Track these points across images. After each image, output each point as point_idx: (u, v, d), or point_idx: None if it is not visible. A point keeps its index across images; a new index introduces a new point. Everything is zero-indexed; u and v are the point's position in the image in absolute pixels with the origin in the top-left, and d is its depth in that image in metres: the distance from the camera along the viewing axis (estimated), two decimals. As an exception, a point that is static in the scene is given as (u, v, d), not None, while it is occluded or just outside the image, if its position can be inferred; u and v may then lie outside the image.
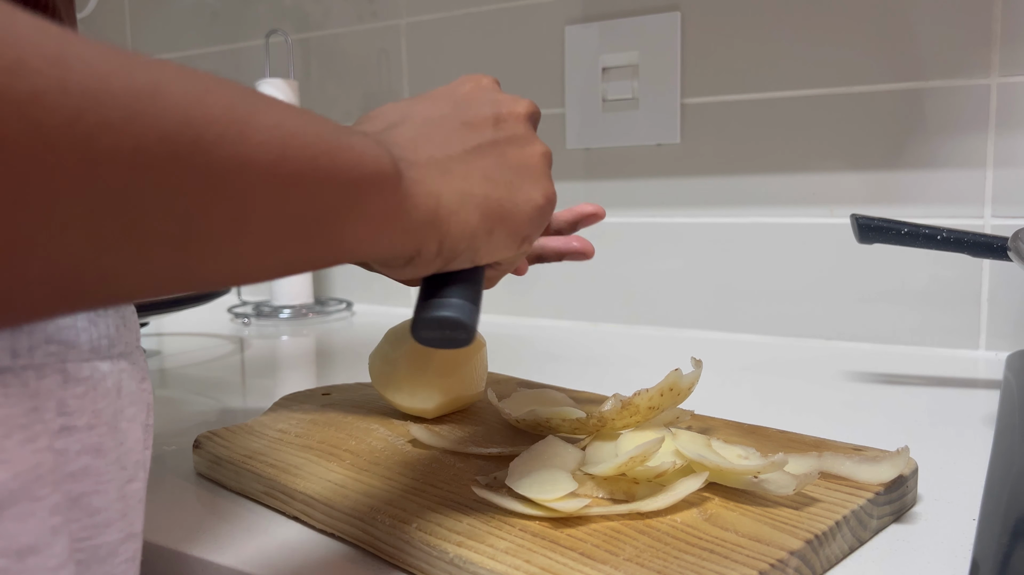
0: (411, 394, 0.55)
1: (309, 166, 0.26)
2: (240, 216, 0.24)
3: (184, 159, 0.22)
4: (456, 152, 0.36)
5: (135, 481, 0.31)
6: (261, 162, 0.24)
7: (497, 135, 0.39)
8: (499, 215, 0.37)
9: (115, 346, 0.31)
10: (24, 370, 0.26)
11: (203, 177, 0.23)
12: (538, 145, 0.41)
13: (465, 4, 1.06)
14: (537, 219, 0.39)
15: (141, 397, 0.33)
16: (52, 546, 0.27)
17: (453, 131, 0.37)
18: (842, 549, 0.39)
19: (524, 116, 0.41)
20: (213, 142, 0.23)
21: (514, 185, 0.38)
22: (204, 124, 0.23)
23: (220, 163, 0.23)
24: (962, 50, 0.80)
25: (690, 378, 0.47)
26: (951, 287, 0.82)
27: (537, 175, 0.39)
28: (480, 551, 0.37)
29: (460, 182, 0.35)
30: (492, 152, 0.38)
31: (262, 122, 0.25)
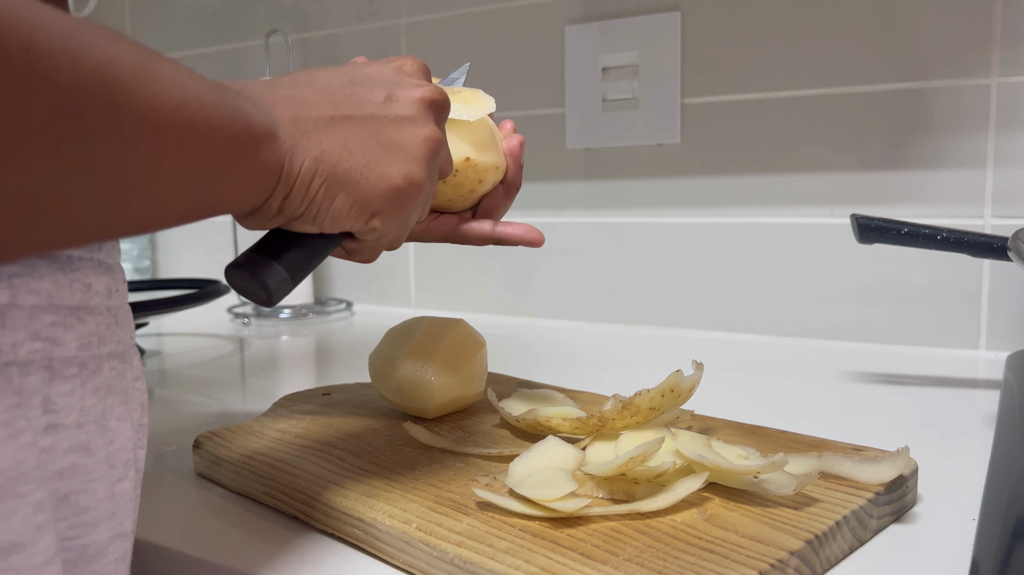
0: (411, 394, 0.55)
1: (200, 117, 0.29)
2: (158, 153, 0.27)
3: (111, 94, 0.25)
4: (323, 116, 0.37)
5: (125, 480, 0.31)
6: (168, 106, 0.27)
7: (379, 111, 0.40)
8: (343, 184, 0.38)
9: (105, 344, 0.31)
10: (7, 366, 0.26)
11: (126, 112, 0.26)
12: (424, 129, 0.41)
13: (465, 4, 1.06)
14: (391, 197, 0.39)
15: (133, 396, 0.33)
16: (37, 543, 0.26)
17: (333, 97, 0.39)
18: (842, 549, 0.39)
19: (419, 100, 0.41)
20: (129, 83, 0.26)
21: (374, 160, 0.39)
22: (119, 67, 0.26)
23: (137, 102, 0.26)
24: (962, 50, 0.80)
25: (691, 380, 0.47)
26: (951, 287, 0.82)
27: (406, 157, 0.40)
28: (480, 551, 0.37)
29: (316, 145, 0.37)
30: (365, 125, 0.39)
31: (162, 72, 0.28)
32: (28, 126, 0.23)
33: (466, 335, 0.57)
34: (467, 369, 0.56)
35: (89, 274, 0.30)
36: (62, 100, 0.24)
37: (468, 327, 0.58)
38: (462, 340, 0.57)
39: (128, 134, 0.26)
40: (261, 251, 0.39)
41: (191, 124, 0.29)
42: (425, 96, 0.42)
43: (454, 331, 0.57)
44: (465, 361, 0.56)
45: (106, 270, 0.32)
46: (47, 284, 0.28)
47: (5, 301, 0.27)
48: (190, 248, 1.37)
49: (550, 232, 1.03)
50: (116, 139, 0.26)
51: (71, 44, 0.24)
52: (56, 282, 0.29)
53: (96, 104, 0.25)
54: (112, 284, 0.32)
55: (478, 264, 1.09)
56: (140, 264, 1.36)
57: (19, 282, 0.27)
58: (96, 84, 0.25)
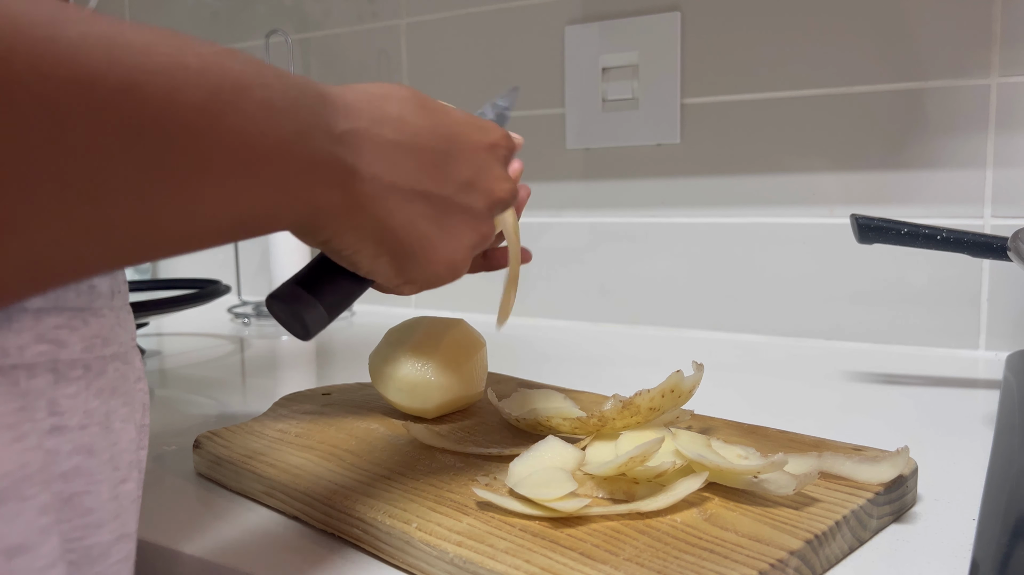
0: (411, 394, 0.55)
1: (255, 180, 0.29)
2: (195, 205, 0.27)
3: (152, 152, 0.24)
4: (404, 185, 0.37)
5: (129, 481, 0.31)
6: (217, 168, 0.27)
7: (456, 197, 0.40)
8: (394, 253, 0.38)
9: (109, 345, 0.31)
10: (14, 369, 0.26)
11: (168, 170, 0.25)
12: (484, 226, 0.42)
13: (465, 4, 1.06)
14: (430, 278, 0.40)
15: (136, 397, 0.33)
16: (42, 546, 0.27)
17: (420, 167, 0.38)
18: (842, 549, 0.39)
19: (495, 201, 0.42)
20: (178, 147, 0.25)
21: (429, 241, 0.39)
22: (173, 126, 0.24)
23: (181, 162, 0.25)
24: (962, 50, 0.80)
25: (691, 380, 0.47)
26: (951, 287, 0.82)
27: (458, 246, 0.41)
28: (480, 551, 0.37)
29: (386, 212, 0.37)
30: (437, 207, 0.39)
31: (228, 126, 0.27)
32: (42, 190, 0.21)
33: (466, 335, 0.57)
34: (467, 369, 0.56)
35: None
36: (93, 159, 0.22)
37: (468, 327, 0.58)
38: (462, 340, 0.57)
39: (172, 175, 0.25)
40: (302, 284, 0.40)
41: (252, 171, 0.28)
42: (501, 198, 0.42)
43: (454, 331, 0.57)
44: (465, 361, 0.56)
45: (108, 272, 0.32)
46: None
47: None
48: (190, 248, 1.37)
49: (550, 232, 1.04)
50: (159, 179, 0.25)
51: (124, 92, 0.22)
52: None
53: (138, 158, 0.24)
54: (114, 286, 0.32)
55: (478, 264, 1.09)
56: (140, 264, 1.36)
57: None
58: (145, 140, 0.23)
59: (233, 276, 1.26)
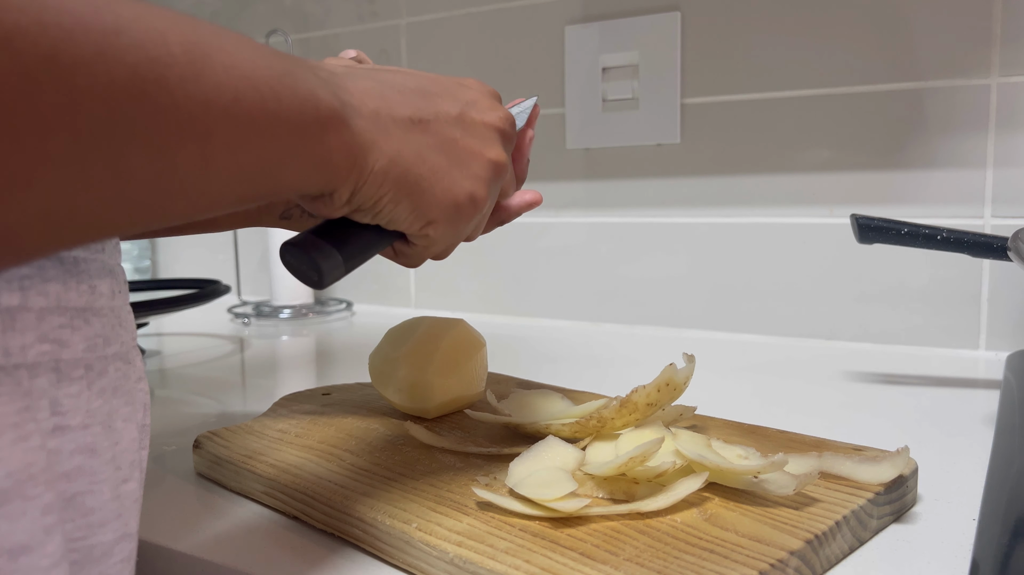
0: (411, 394, 0.55)
1: (259, 108, 0.28)
2: (205, 153, 0.26)
3: (152, 96, 0.24)
4: (403, 116, 0.37)
5: (130, 481, 0.31)
6: (218, 103, 0.26)
7: (453, 128, 0.40)
8: (411, 191, 0.38)
9: (110, 345, 0.31)
10: (17, 369, 0.26)
11: (170, 114, 0.24)
12: (492, 151, 0.41)
13: (465, 4, 1.06)
14: (451, 212, 0.40)
15: (137, 397, 0.33)
16: (45, 546, 0.27)
17: (410, 99, 0.38)
18: (842, 549, 0.39)
19: (491, 124, 0.42)
20: (175, 82, 0.25)
21: (443, 172, 0.39)
22: (166, 64, 0.24)
23: (183, 101, 0.25)
24: (962, 50, 0.80)
25: (684, 372, 0.47)
26: (951, 287, 0.82)
27: (472, 175, 0.40)
28: (480, 551, 0.37)
29: (394, 145, 0.36)
30: (440, 134, 0.39)
31: (218, 62, 0.26)
32: (52, 141, 0.21)
33: (466, 335, 0.57)
34: (467, 369, 0.56)
35: (94, 275, 0.30)
36: (93, 110, 0.22)
37: (468, 327, 0.58)
38: (462, 340, 0.57)
39: (169, 138, 0.25)
40: (320, 234, 0.39)
41: (248, 118, 0.28)
42: (496, 122, 0.42)
43: (454, 331, 0.57)
44: (465, 361, 0.56)
45: (109, 271, 0.32)
46: (55, 286, 0.28)
47: (16, 303, 0.27)
48: (190, 248, 1.37)
49: (550, 232, 1.04)
50: (154, 144, 0.24)
51: (111, 43, 0.22)
52: (64, 284, 0.29)
53: (133, 110, 0.23)
54: (115, 285, 0.32)
55: (478, 264, 1.09)
56: (140, 264, 1.36)
57: (29, 284, 0.27)
58: (135, 87, 0.23)
59: (233, 276, 1.26)
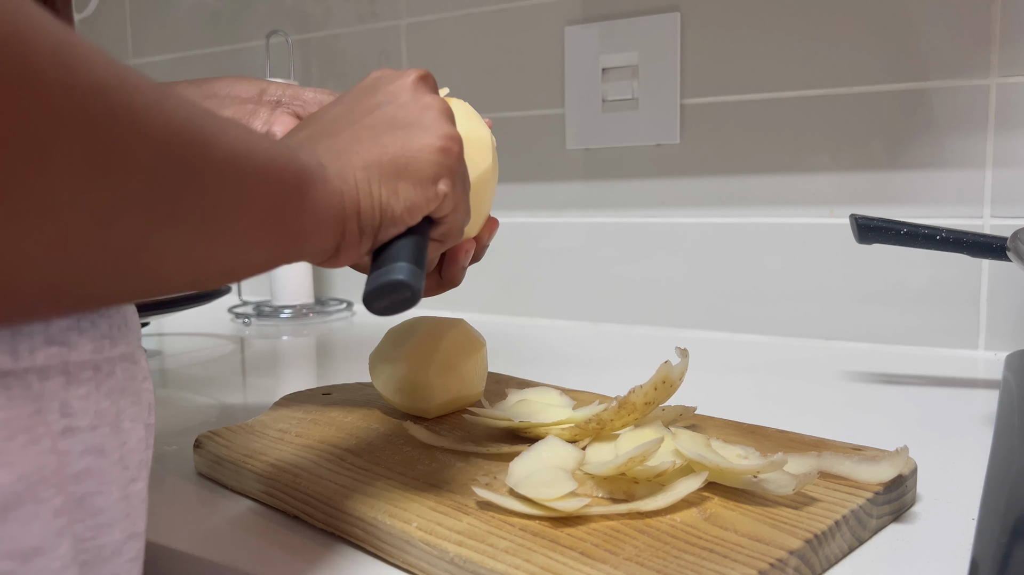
0: (411, 394, 0.55)
1: (267, 160, 0.31)
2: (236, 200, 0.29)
3: (197, 147, 0.27)
4: (344, 133, 0.40)
5: (138, 481, 0.31)
6: (240, 153, 0.29)
7: (382, 105, 0.42)
8: (396, 170, 0.39)
9: (117, 346, 0.31)
10: (27, 372, 0.26)
11: (210, 163, 0.28)
12: (427, 99, 0.42)
13: (465, 4, 1.06)
14: (441, 159, 0.40)
15: (143, 397, 0.33)
16: (57, 547, 0.27)
17: (343, 118, 0.41)
18: (841, 549, 0.39)
19: (409, 82, 0.43)
20: (210, 135, 0.28)
21: (406, 140, 0.40)
22: (200, 119, 0.27)
23: (218, 151, 0.28)
24: (962, 50, 0.80)
25: (680, 368, 0.47)
26: (950, 287, 0.82)
27: (429, 123, 0.41)
28: (480, 551, 0.37)
29: (355, 158, 0.38)
30: (378, 119, 0.41)
31: (228, 123, 0.30)
32: (132, 182, 0.24)
33: (466, 335, 0.57)
34: (467, 369, 0.56)
35: None
36: (160, 154, 0.25)
37: (468, 327, 0.58)
38: (462, 340, 0.57)
39: (212, 181, 0.28)
40: (377, 267, 0.39)
41: (261, 169, 0.31)
42: (411, 78, 0.43)
43: (454, 331, 0.57)
44: (465, 361, 0.56)
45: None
46: None
47: None
48: (190, 248, 1.37)
49: (550, 232, 1.04)
50: (202, 187, 0.27)
51: (163, 103, 0.25)
52: None
53: (185, 155, 0.26)
54: None
55: (478, 264, 1.09)
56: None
57: None
58: (185, 136, 0.26)
59: (233, 276, 1.26)
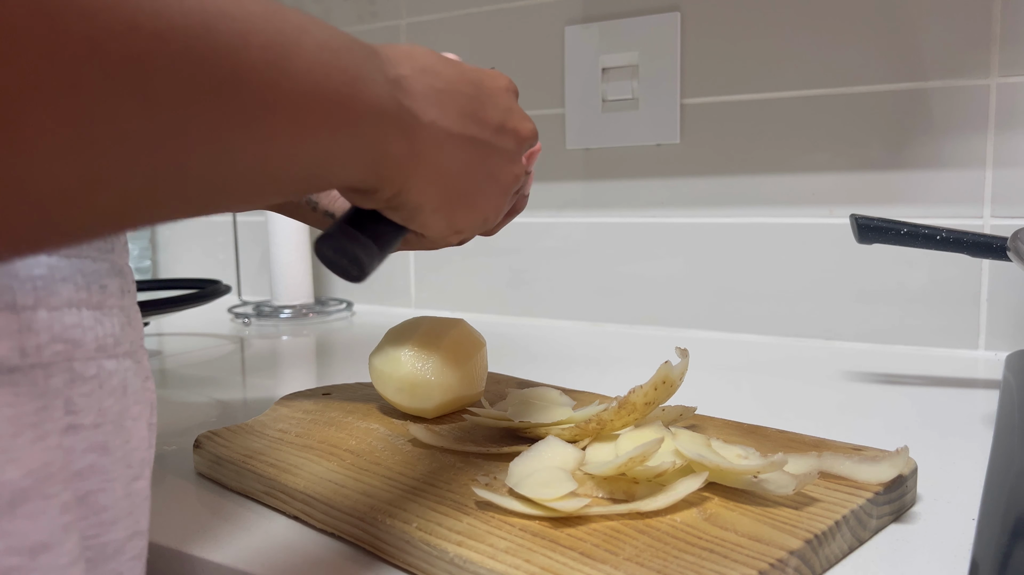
0: (411, 394, 0.55)
1: (327, 120, 0.29)
2: (269, 143, 0.26)
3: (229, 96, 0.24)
4: (456, 131, 0.38)
5: (140, 479, 0.32)
6: (292, 93, 0.27)
7: (494, 140, 0.41)
8: (452, 205, 0.39)
9: (120, 344, 0.31)
10: (32, 369, 0.27)
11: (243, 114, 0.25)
12: (517, 167, 0.43)
13: (465, 4, 1.06)
14: (478, 224, 0.42)
15: (145, 396, 0.33)
16: (63, 544, 0.27)
17: (465, 111, 0.39)
18: (842, 549, 0.39)
19: (524, 138, 0.43)
20: (252, 87, 0.25)
21: (479, 190, 0.40)
22: (246, 68, 0.25)
23: (261, 101, 0.25)
24: (962, 50, 0.80)
25: (680, 368, 0.47)
26: (951, 287, 0.82)
27: (499, 191, 0.42)
28: (480, 551, 0.37)
29: (445, 158, 0.37)
30: (482, 151, 0.40)
31: (296, 66, 0.27)
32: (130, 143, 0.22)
33: (466, 335, 0.57)
34: (467, 369, 0.56)
35: (104, 276, 0.31)
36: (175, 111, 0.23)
37: (468, 327, 0.58)
38: (462, 340, 0.57)
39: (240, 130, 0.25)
40: (354, 225, 0.38)
41: (319, 111, 0.28)
42: (527, 133, 0.43)
43: (454, 331, 0.57)
44: (465, 361, 0.56)
45: (118, 271, 0.32)
46: (68, 287, 0.29)
47: (30, 303, 0.27)
48: (190, 248, 1.37)
49: (550, 232, 1.04)
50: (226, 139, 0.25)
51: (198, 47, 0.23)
52: (75, 284, 0.29)
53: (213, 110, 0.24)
54: (124, 285, 0.32)
55: (478, 264, 1.09)
56: (140, 264, 1.36)
57: (42, 284, 0.28)
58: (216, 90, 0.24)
59: (233, 276, 1.26)
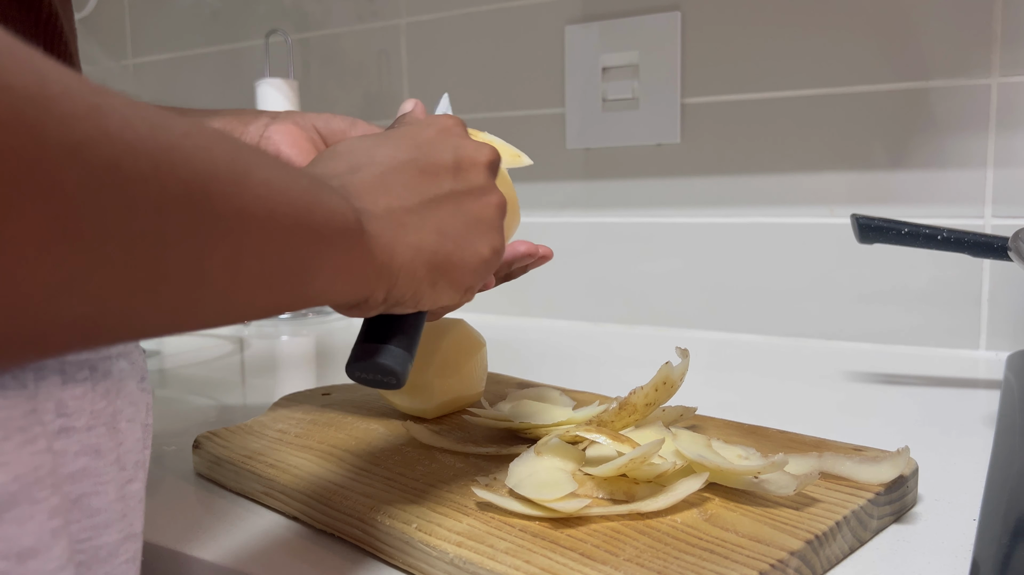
0: (411, 394, 0.55)
1: (292, 220, 0.29)
2: (237, 260, 0.27)
3: (198, 206, 0.24)
4: (413, 204, 0.37)
5: (135, 481, 0.31)
6: (256, 214, 0.27)
7: (455, 185, 0.40)
8: (445, 268, 0.38)
9: (114, 346, 0.31)
10: (23, 371, 0.26)
11: (212, 223, 0.25)
12: (494, 196, 0.42)
13: (465, 4, 1.06)
14: (482, 270, 0.40)
15: (140, 397, 0.33)
16: (52, 548, 0.27)
17: (412, 180, 0.38)
18: (842, 549, 0.39)
19: (484, 165, 0.42)
20: (219, 193, 0.25)
21: (465, 238, 0.39)
22: (212, 176, 0.25)
23: (224, 212, 0.25)
24: (962, 50, 0.80)
25: (680, 368, 0.47)
26: (951, 287, 0.82)
27: (488, 227, 0.41)
28: (480, 551, 0.37)
29: (414, 235, 0.36)
30: (448, 204, 0.39)
31: (257, 177, 0.27)
32: (108, 247, 0.21)
33: (466, 335, 0.57)
34: (467, 369, 0.56)
35: None
36: (146, 219, 0.22)
37: (468, 327, 0.58)
38: (462, 340, 0.57)
39: (207, 245, 0.25)
40: (374, 339, 0.39)
41: (280, 228, 0.28)
42: (488, 161, 0.42)
43: (454, 331, 0.57)
44: (465, 361, 0.56)
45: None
46: None
47: None
48: (190, 248, 1.37)
49: (550, 232, 1.04)
50: (194, 252, 0.24)
51: (166, 158, 0.22)
52: None
53: (181, 219, 0.23)
54: None
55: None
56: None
57: None
58: (185, 198, 0.23)
59: (233, 276, 1.26)
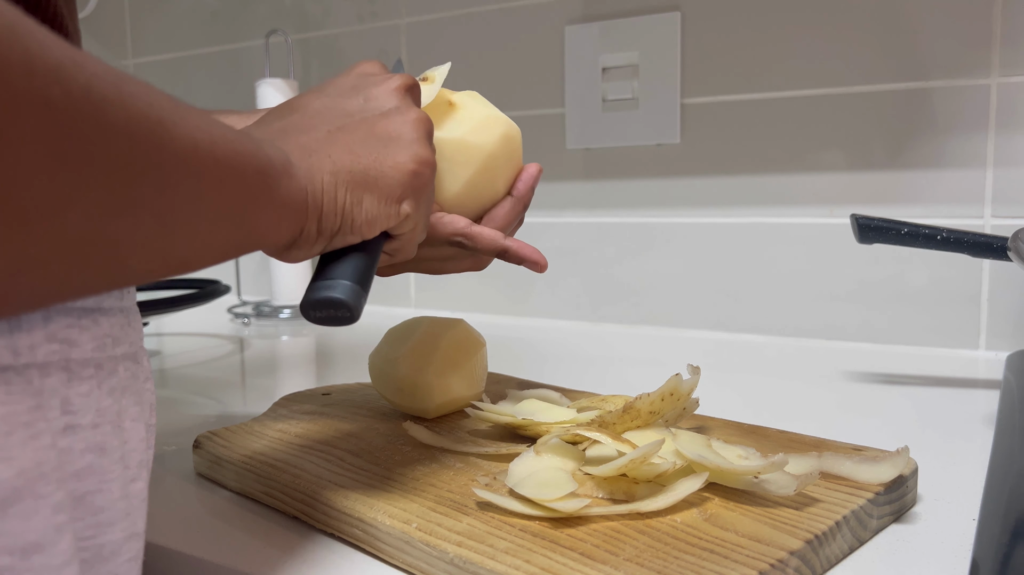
0: (411, 394, 0.55)
1: (231, 153, 0.31)
2: (198, 195, 0.29)
3: (158, 134, 0.26)
4: (320, 134, 0.40)
5: (138, 480, 0.31)
6: (203, 144, 0.29)
7: (364, 111, 0.42)
8: (364, 184, 0.39)
9: (119, 345, 0.31)
10: (27, 368, 0.26)
11: (170, 153, 0.27)
12: (410, 113, 0.42)
13: (465, 4, 1.06)
14: (410, 182, 0.41)
15: (144, 396, 0.33)
16: (56, 544, 0.27)
17: (321, 116, 0.41)
18: (842, 549, 0.39)
19: (394, 89, 0.43)
20: (171, 124, 0.27)
21: (381, 154, 0.40)
22: (160, 108, 0.27)
23: (179, 141, 0.27)
24: (962, 50, 0.80)
25: (689, 383, 0.47)
26: (951, 287, 0.82)
27: (407, 142, 0.41)
28: (480, 551, 0.37)
29: (326, 161, 0.38)
30: (359, 127, 0.41)
31: (193, 114, 0.29)
32: (89, 168, 0.24)
33: (466, 335, 0.57)
34: (467, 369, 0.56)
35: None
36: (117, 142, 0.25)
37: (468, 327, 0.58)
38: (462, 340, 0.57)
39: (171, 172, 0.27)
40: (322, 277, 0.39)
41: (223, 161, 0.30)
42: (397, 85, 0.43)
43: (454, 331, 0.57)
44: (465, 361, 0.56)
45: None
46: None
47: None
48: (190, 248, 1.37)
49: (550, 232, 1.04)
50: (161, 178, 0.27)
51: (122, 89, 0.25)
52: None
53: (144, 145, 0.26)
54: None
55: (478, 264, 1.09)
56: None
57: None
58: (143, 125, 0.26)
59: (233, 276, 1.26)
